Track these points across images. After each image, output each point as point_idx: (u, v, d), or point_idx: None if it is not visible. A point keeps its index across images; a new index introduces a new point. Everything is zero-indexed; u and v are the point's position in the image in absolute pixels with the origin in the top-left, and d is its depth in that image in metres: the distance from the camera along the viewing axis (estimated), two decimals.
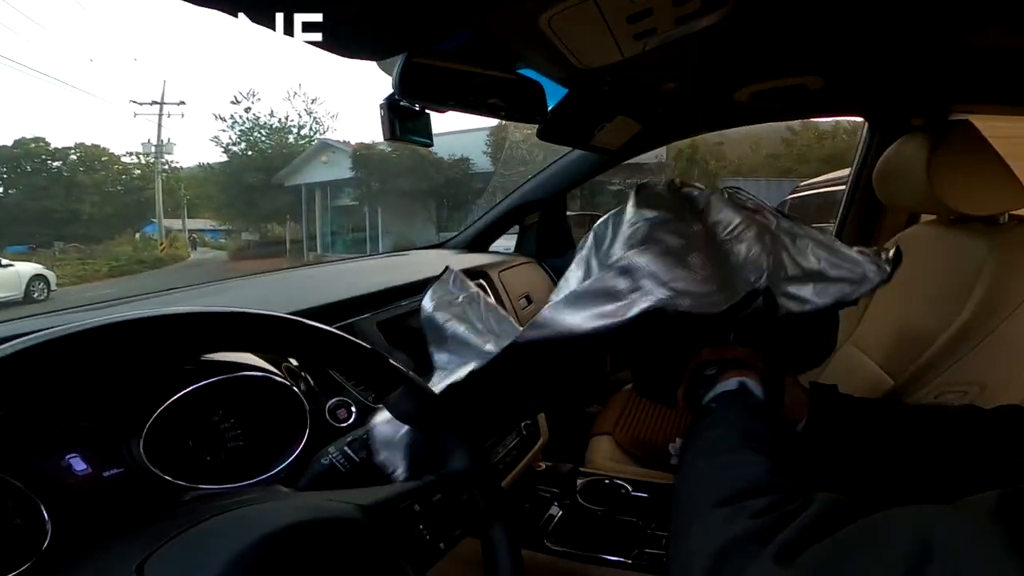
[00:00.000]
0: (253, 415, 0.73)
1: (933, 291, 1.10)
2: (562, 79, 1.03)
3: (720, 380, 0.65)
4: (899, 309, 1.20)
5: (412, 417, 0.58)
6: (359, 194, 15.74)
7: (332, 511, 0.46)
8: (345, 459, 0.63)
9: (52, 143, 15.37)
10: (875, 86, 1.25)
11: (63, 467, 0.56)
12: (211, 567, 0.38)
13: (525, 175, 1.73)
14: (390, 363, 0.56)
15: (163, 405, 0.61)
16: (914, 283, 1.18)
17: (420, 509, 0.50)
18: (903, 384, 1.00)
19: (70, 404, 0.58)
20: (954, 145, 1.04)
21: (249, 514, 0.44)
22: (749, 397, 0.62)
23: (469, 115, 0.90)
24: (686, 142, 15.16)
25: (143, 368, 0.64)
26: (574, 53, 0.88)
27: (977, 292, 0.97)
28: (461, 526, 0.53)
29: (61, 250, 14.59)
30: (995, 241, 1.01)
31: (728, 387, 0.64)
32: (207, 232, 17.63)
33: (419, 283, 1.10)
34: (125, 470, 0.59)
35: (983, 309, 0.95)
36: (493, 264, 1.41)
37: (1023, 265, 0.96)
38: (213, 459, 0.69)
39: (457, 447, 0.57)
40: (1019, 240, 1.01)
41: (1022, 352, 0.93)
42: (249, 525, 0.42)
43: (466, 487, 0.55)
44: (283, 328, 0.50)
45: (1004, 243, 1.00)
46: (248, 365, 0.70)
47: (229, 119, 16.46)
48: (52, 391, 0.56)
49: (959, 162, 1.03)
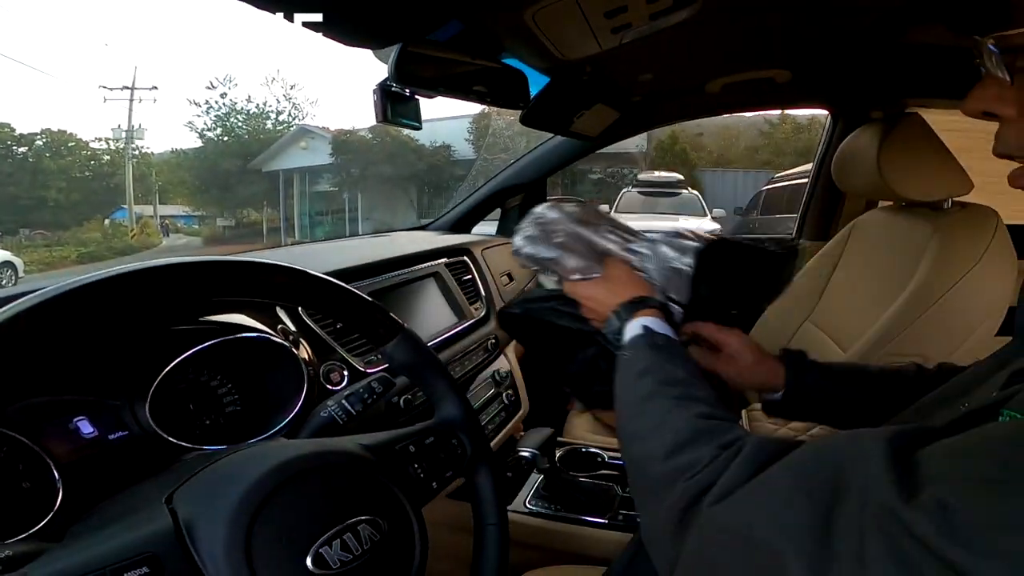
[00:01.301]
0: (248, 379, 0.75)
1: (883, 271, 1.19)
2: (544, 69, 1.08)
3: (625, 326, 0.61)
4: (853, 288, 1.28)
5: (407, 366, 0.60)
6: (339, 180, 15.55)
7: (337, 446, 0.50)
8: (343, 411, 0.66)
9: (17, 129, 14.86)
10: (838, 80, 1.33)
11: (71, 429, 0.57)
12: (233, 493, 0.42)
13: (507, 161, 1.77)
14: (389, 314, 0.59)
15: (167, 368, 0.63)
16: (867, 263, 1.27)
17: (415, 450, 0.55)
18: (852, 356, 1.08)
19: (76, 367, 0.60)
20: (902, 136, 1.12)
21: (263, 450, 0.49)
22: (655, 337, 0.58)
23: (454, 101, 0.94)
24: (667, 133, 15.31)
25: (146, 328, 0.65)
26: (556, 45, 0.94)
27: (920, 271, 1.05)
28: (451, 468, 0.58)
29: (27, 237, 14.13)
30: (938, 224, 1.09)
31: (634, 331, 0.60)
32: (180, 218, 17.22)
33: (407, 257, 1.15)
34: (129, 433, 0.61)
35: (924, 286, 1.03)
36: (476, 242, 1.45)
37: (961, 246, 1.05)
38: (212, 422, 0.72)
39: (448, 396, 0.61)
40: (959, 223, 1.09)
41: (958, 325, 1.02)
42: (263, 458, 0.46)
43: (455, 433, 0.60)
44: (288, 276, 0.52)
45: (945, 226, 1.08)
46: (246, 327, 0.73)
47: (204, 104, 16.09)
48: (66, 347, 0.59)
49: (906, 151, 1.11)
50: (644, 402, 0.51)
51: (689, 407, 0.47)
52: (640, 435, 0.49)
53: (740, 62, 1.26)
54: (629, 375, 0.55)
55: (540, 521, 1.10)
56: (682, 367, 0.53)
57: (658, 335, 0.58)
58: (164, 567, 0.39)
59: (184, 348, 0.65)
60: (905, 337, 1.02)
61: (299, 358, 0.75)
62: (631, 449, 0.50)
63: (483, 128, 14.24)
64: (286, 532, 0.43)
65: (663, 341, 0.58)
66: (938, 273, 1.03)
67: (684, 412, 0.46)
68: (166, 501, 0.44)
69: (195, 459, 0.52)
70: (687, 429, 0.44)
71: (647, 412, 0.50)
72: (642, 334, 0.58)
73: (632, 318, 0.61)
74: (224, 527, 0.41)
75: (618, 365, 0.58)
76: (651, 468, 0.44)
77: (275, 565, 0.41)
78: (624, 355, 0.58)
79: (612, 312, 0.63)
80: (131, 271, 0.43)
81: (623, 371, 0.57)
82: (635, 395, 0.52)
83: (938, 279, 1.03)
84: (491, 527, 0.60)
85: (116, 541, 0.39)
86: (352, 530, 0.45)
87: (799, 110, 15.73)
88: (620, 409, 0.54)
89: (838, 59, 1.20)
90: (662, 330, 0.59)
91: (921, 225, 1.13)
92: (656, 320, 0.60)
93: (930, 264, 1.05)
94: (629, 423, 0.52)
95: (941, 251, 1.05)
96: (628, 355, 0.58)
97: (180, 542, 0.40)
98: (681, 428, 0.45)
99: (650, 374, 0.53)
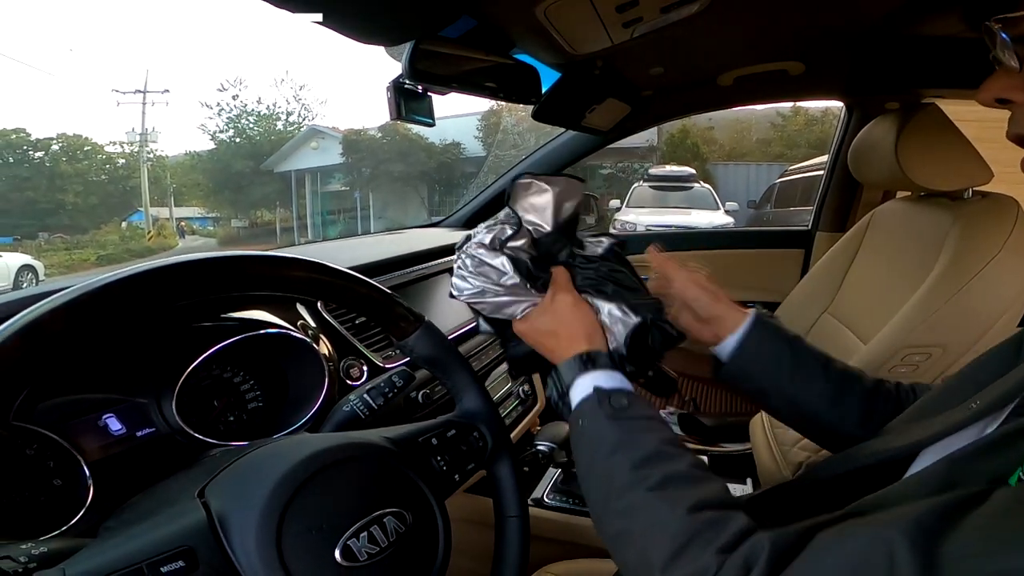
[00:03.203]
0: (270, 375, 0.76)
1: (902, 261, 1.17)
2: (556, 64, 1.09)
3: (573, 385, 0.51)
4: (872, 279, 1.27)
5: (429, 359, 0.60)
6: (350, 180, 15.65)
7: (362, 438, 0.51)
8: (364, 406, 0.66)
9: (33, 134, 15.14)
10: (852, 72, 1.31)
11: (100, 427, 0.59)
12: (264, 484, 0.43)
13: (517, 157, 1.77)
14: (409, 307, 0.59)
15: (192, 365, 0.64)
16: (886, 254, 1.25)
17: (437, 443, 0.56)
18: (873, 348, 1.07)
19: (103, 365, 0.60)
20: (921, 126, 1.10)
21: (292, 443, 0.49)
22: (611, 400, 0.49)
23: (463, 99, 0.95)
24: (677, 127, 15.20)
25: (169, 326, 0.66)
26: (567, 40, 0.94)
27: (941, 261, 1.04)
28: (473, 461, 0.58)
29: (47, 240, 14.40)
30: (958, 214, 1.08)
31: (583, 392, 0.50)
32: (195, 220, 17.47)
33: (422, 253, 1.16)
34: (157, 430, 0.62)
35: (945, 276, 1.02)
36: None
37: (982, 236, 1.03)
38: (235, 419, 0.73)
39: (470, 388, 0.61)
40: (980, 213, 1.07)
41: (979, 316, 1.00)
42: (291, 452, 0.46)
43: (476, 426, 0.60)
44: (308, 270, 0.52)
45: (966, 216, 1.07)
46: (268, 323, 0.73)
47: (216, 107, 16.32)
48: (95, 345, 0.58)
49: (925, 142, 1.09)
50: (621, 496, 0.44)
51: (676, 500, 0.41)
52: (629, 539, 0.43)
53: (753, 54, 1.25)
54: (594, 456, 0.47)
55: (558, 515, 1.10)
56: (651, 432, 0.47)
57: (614, 395, 0.49)
58: (199, 560, 0.39)
59: (207, 345, 0.66)
60: (925, 327, 1.00)
61: (320, 354, 0.76)
62: (624, 554, 0.44)
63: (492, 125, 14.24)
64: (316, 525, 0.43)
65: (622, 403, 0.49)
66: (959, 263, 1.01)
67: (673, 508, 0.41)
68: (198, 495, 0.44)
69: (223, 454, 0.53)
70: (681, 531, 0.39)
71: (630, 512, 0.43)
72: (592, 398, 0.49)
73: (580, 375, 0.52)
74: (256, 519, 0.41)
75: (574, 439, 0.50)
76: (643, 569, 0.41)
77: (305, 558, 0.42)
78: (579, 423, 0.50)
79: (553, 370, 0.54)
80: (157, 267, 0.43)
81: (584, 448, 0.49)
82: (608, 485, 0.45)
83: (959, 269, 1.01)
84: (513, 519, 0.60)
85: (151, 535, 0.40)
86: (378, 522, 0.46)
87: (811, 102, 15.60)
88: (594, 499, 0.47)
89: (852, 50, 1.18)
90: (617, 385, 0.51)
91: (941, 215, 1.11)
92: (607, 373, 0.51)
93: (951, 254, 1.03)
94: (610, 523, 0.45)
95: (962, 241, 1.03)
96: (583, 426, 0.49)
97: (214, 535, 0.41)
98: (675, 530, 0.39)
99: (619, 453, 0.46)
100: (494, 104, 14.78)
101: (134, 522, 0.43)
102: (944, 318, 1.00)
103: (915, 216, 1.22)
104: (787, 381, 0.62)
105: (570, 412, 0.51)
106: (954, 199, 1.14)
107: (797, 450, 1.10)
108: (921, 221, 1.18)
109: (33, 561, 0.37)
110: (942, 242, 1.06)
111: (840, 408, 0.61)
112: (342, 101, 36.87)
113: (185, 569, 0.39)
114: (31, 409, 0.54)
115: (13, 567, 0.36)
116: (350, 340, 0.85)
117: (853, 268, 1.35)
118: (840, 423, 0.61)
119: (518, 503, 0.61)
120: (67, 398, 0.57)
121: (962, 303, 0.99)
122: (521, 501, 0.61)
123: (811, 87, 1.51)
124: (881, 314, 1.11)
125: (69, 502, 0.54)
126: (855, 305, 1.30)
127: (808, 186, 6.72)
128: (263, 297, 0.77)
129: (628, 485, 0.44)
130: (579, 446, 0.50)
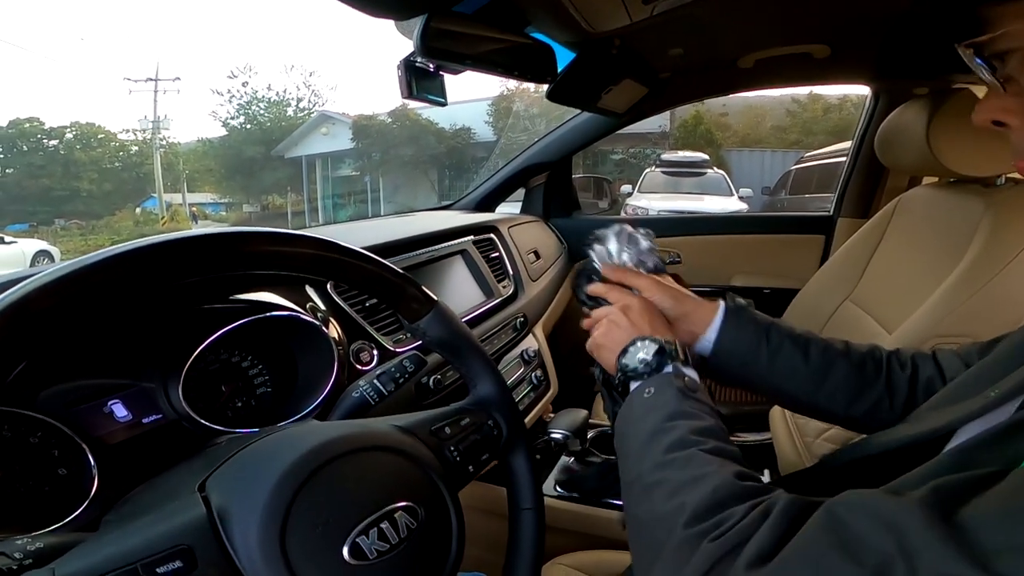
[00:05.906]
0: (279, 360, 0.74)
1: (930, 248, 1.14)
2: (572, 43, 1.05)
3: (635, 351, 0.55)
4: (897, 266, 1.23)
5: (442, 342, 0.57)
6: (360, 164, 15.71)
7: (372, 427, 0.48)
8: (375, 392, 0.63)
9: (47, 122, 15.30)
10: (881, 56, 1.26)
11: (105, 414, 0.56)
12: (267, 478, 0.40)
13: (529, 141, 1.74)
14: (422, 288, 0.56)
15: (198, 349, 0.62)
16: (913, 241, 1.21)
17: (450, 432, 0.53)
18: (900, 336, 1.04)
19: (107, 349, 0.58)
20: (954, 110, 1.06)
21: (296, 433, 0.47)
22: (684, 381, 0.52)
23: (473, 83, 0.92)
24: (690, 112, 15.01)
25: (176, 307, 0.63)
26: (584, 17, 0.90)
27: (972, 248, 1.00)
28: (487, 450, 0.56)
29: (62, 227, 14.62)
30: (991, 200, 1.04)
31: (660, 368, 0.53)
32: (207, 205, 17.63)
33: (434, 234, 1.13)
34: (163, 416, 0.60)
35: (977, 264, 0.98)
36: (502, 220, 1.43)
37: (1016, 223, 0.99)
38: (243, 404, 0.71)
39: (484, 374, 0.58)
40: (1013, 200, 1.03)
41: (1012, 305, 0.96)
42: (297, 441, 0.44)
43: (491, 413, 0.58)
44: (317, 247, 0.49)
45: (999, 203, 1.03)
46: (277, 305, 0.71)
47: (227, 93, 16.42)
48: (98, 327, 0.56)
49: (958, 127, 1.05)
50: (672, 450, 0.45)
51: (726, 464, 0.43)
52: (665, 488, 0.43)
53: (777, 36, 1.20)
54: (652, 417, 0.49)
55: (570, 505, 1.09)
56: (712, 419, 0.49)
57: (688, 379, 0.52)
58: (197, 559, 0.37)
59: (215, 328, 0.64)
60: (956, 317, 0.97)
61: (329, 337, 0.74)
62: (651, 502, 0.44)
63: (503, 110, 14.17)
64: (321, 522, 0.41)
65: (693, 386, 0.52)
66: (991, 251, 0.97)
67: (723, 469, 0.42)
68: (199, 489, 0.42)
69: (228, 443, 0.51)
70: (724, 486, 0.40)
71: (679, 463, 0.44)
72: (672, 373, 0.52)
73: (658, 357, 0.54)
74: (258, 517, 0.39)
75: (632, 402, 0.52)
76: (673, 525, 0.40)
77: (311, 558, 0.40)
78: (647, 391, 0.52)
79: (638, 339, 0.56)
80: (151, 243, 0.41)
81: (641, 410, 0.51)
82: (659, 441, 0.47)
83: (991, 257, 0.97)
84: (528, 512, 0.58)
85: (148, 533, 0.38)
86: (389, 518, 0.43)
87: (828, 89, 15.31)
88: (635, 452, 0.49)
89: (883, 35, 1.13)
90: (691, 374, 0.54)
91: (972, 202, 1.07)
92: (683, 364, 0.54)
93: (983, 242, 0.99)
94: (650, 473, 0.46)
95: (994, 229, 0.99)
96: (650, 393, 0.52)
97: (214, 532, 0.39)
98: (719, 486, 0.41)
99: (682, 419, 0.48)
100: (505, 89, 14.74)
101: (133, 517, 0.41)
102: (975, 308, 0.96)
103: (945, 202, 1.17)
104: (766, 369, 0.62)
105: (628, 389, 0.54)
106: (987, 186, 1.10)
107: (821, 441, 1.08)
108: (951, 208, 1.13)
109: (29, 557, 0.35)
110: (973, 229, 1.02)
111: (825, 389, 0.61)
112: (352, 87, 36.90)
113: (183, 569, 0.36)
114: (34, 396, 0.52)
115: (7, 564, 0.34)
116: (360, 323, 0.82)
117: (877, 255, 1.31)
118: (830, 403, 0.61)
119: (533, 495, 0.59)
120: (71, 384, 0.55)
121: (994, 292, 0.95)
122: (536, 493, 0.60)
123: (836, 71, 1.46)
124: (907, 302, 1.07)
125: (74, 492, 0.52)
126: (879, 292, 1.26)
127: (825, 173, 6.61)
128: (271, 278, 0.74)
129: (682, 443, 0.46)
130: (637, 408, 0.52)
